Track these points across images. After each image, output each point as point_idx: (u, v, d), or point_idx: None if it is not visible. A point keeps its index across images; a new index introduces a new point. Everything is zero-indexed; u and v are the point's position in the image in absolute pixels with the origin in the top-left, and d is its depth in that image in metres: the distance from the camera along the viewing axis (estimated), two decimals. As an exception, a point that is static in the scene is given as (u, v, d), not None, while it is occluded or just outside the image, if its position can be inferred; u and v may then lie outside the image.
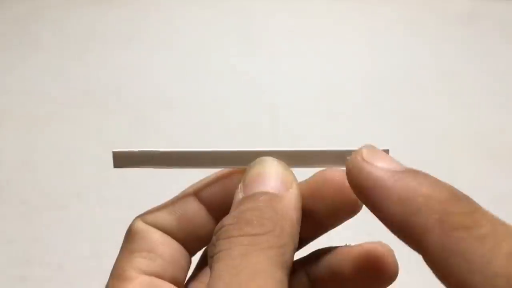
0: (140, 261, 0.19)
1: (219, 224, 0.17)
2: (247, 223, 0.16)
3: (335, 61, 0.84)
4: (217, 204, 0.20)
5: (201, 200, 0.20)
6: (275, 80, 0.80)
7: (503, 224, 0.13)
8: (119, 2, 1.01)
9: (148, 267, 0.19)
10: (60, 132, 0.70)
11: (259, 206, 0.16)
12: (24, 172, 0.63)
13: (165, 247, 0.19)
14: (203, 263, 0.22)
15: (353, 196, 0.17)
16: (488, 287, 0.12)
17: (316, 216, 0.20)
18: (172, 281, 0.19)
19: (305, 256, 0.21)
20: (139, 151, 0.20)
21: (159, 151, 0.19)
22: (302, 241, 0.20)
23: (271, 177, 0.18)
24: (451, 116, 0.71)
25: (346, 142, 0.72)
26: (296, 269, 0.21)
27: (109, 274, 0.53)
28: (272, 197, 0.17)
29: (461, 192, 0.15)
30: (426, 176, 0.15)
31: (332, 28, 0.94)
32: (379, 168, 0.15)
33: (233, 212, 0.17)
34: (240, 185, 0.18)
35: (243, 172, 0.19)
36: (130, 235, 0.20)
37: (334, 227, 0.21)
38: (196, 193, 0.20)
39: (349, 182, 0.16)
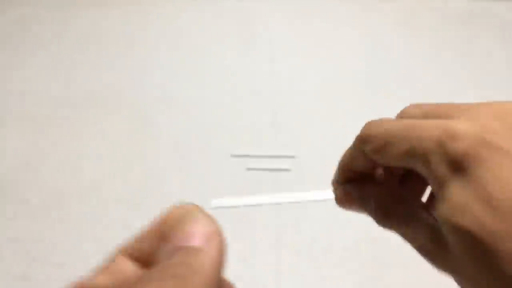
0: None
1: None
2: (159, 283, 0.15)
3: (334, 61, 0.85)
4: (147, 258, 0.19)
5: (132, 258, 0.20)
6: (275, 80, 0.80)
7: None
8: (120, 4, 1.01)
9: None
10: (62, 132, 0.70)
11: (174, 263, 0.15)
12: (27, 172, 0.64)
13: None
14: None
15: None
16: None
17: None
18: None
19: None
20: None
21: None
22: None
23: (188, 230, 0.16)
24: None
25: (345, 142, 0.73)
26: None
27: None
28: (189, 252, 0.16)
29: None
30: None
31: (331, 28, 0.94)
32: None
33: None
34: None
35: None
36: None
37: None
38: (130, 252, 0.20)
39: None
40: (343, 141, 0.26)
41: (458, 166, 0.19)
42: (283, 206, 0.56)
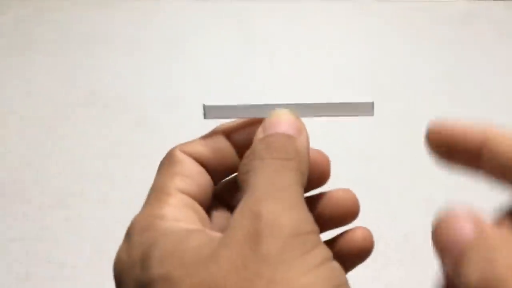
0: (179, 182, 0.22)
1: (251, 149, 0.21)
2: (276, 149, 0.20)
3: (334, 61, 0.85)
4: (242, 143, 0.24)
5: (228, 138, 0.25)
6: (275, 81, 0.80)
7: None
8: (121, 6, 1.02)
9: (185, 188, 0.22)
10: (63, 132, 0.71)
11: (281, 140, 0.21)
12: (29, 172, 0.64)
13: (199, 176, 0.23)
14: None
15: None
16: None
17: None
18: (201, 205, 0.23)
19: None
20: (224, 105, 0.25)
21: (232, 105, 0.25)
22: None
23: (286, 123, 0.22)
24: (449, 116, 0.72)
25: (345, 143, 0.73)
26: None
27: (111, 273, 0.54)
28: (290, 137, 0.21)
29: None
30: None
31: (330, 29, 0.94)
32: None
33: (259, 144, 0.21)
34: (260, 128, 0.22)
35: (261, 121, 0.23)
36: (172, 161, 0.23)
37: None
38: (225, 132, 0.25)
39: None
40: (343, 141, 0.26)
41: None
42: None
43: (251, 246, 0.17)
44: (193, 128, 0.74)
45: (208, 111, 0.25)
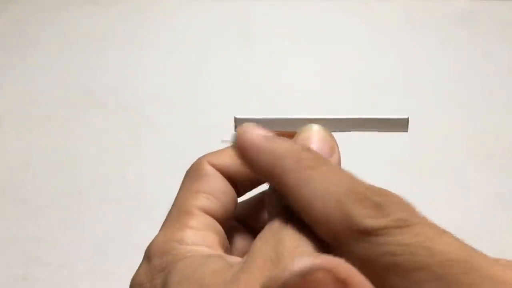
0: (203, 201, 0.22)
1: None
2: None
3: (335, 61, 0.84)
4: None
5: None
6: (275, 80, 0.80)
7: (338, 167, 0.19)
8: (117, 2, 1.01)
9: (208, 207, 0.22)
10: (60, 132, 0.70)
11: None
12: (25, 172, 0.64)
13: (224, 195, 0.23)
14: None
15: None
16: (325, 204, 0.17)
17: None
18: (222, 225, 0.22)
19: None
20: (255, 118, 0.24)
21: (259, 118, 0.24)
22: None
23: (318, 142, 0.22)
24: (450, 116, 0.71)
25: (346, 142, 0.72)
26: None
27: (110, 274, 0.54)
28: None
29: (310, 148, 0.21)
30: (287, 139, 0.21)
31: (330, 28, 0.94)
32: (254, 133, 0.21)
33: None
34: None
35: (292, 135, 0.22)
36: (198, 175, 0.23)
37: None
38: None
39: (236, 148, 0.21)
40: (344, 141, 0.26)
41: None
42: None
43: (271, 272, 0.17)
44: (191, 128, 0.74)
45: (239, 124, 0.24)
